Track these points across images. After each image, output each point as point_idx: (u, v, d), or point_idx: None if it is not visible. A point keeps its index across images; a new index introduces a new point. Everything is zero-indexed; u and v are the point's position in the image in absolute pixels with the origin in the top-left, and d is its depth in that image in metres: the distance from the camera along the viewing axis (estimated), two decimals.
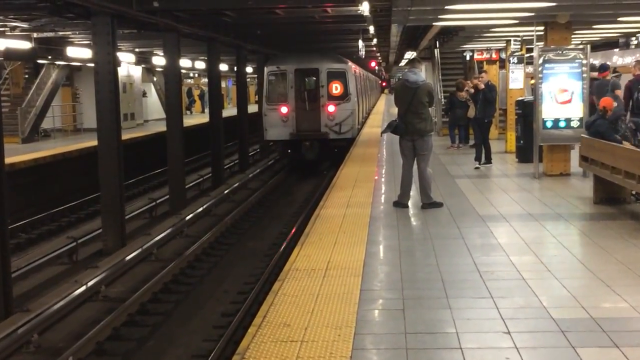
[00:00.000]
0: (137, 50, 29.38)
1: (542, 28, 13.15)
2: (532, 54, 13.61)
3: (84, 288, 10.14)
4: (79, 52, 22.96)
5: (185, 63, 33.08)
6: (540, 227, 8.66)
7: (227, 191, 18.97)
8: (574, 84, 12.58)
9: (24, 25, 18.72)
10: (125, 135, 22.14)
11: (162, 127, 22.10)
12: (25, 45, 20.28)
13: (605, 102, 10.33)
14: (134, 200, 19.16)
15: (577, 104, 12.63)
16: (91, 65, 16.58)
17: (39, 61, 24.28)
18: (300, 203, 18.65)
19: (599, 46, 24.57)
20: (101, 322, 9.03)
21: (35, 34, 20.48)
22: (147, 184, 22.48)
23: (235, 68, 27.97)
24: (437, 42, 23.25)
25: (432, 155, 11.05)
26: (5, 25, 18.83)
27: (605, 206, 9.85)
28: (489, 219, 9.16)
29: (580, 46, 13.04)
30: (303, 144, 22.93)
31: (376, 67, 51.78)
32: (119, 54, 18.43)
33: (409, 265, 6.95)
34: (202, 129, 30.43)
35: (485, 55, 20.93)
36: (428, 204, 10.05)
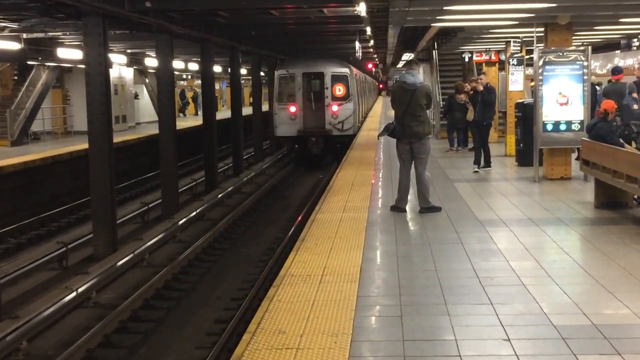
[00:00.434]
0: (129, 51, 29.37)
1: (543, 29, 13.17)
2: (532, 56, 13.62)
3: (74, 294, 10.12)
4: (70, 53, 22.95)
5: (178, 64, 33.08)
6: (541, 232, 8.67)
7: (221, 195, 18.96)
8: (575, 86, 12.60)
9: (14, 25, 18.69)
10: (117, 138, 22.12)
11: (155, 130, 22.09)
12: (14, 46, 20.25)
13: (607, 105, 10.35)
14: (125, 205, 19.13)
15: (578, 107, 12.66)
16: (82, 66, 16.56)
17: (29, 62, 24.24)
18: (295, 207, 18.65)
19: (600, 48, 24.61)
20: (92, 329, 9.01)
21: (24, 35, 20.45)
22: (139, 188, 22.46)
23: (229, 69, 28.01)
24: (435, 44, 23.29)
25: (430, 159, 11.05)
26: None
27: (606, 211, 9.86)
28: (488, 224, 9.16)
29: (581, 48, 13.06)
30: (309, 139, 26.30)
31: (373, 69, 51.85)
32: (111, 55, 18.41)
33: (407, 271, 6.95)
34: (196, 132, 30.46)
35: (484, 57, 20.97)
36: (426, 208, 10.05)
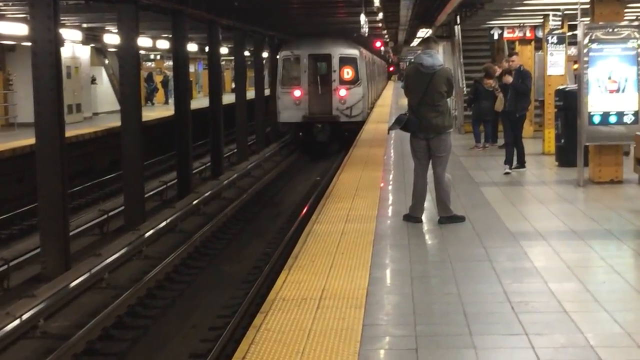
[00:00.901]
0: (85, 26, 29.37)
1: (589, 0, 13.19)
2: (576, 32, 13.64)
3: (17, 322, 10.10)
4: (12, 28, 22.93)
5: (145, 42, 33.13)
6: (586, 247, 8.69)
7: (197, 201, 18.97)
8: (628, 69, 12.61)
9: None
10: (70, 132, 22.11)
11: (116, 122, 22.05)
12: None
13: None
14: (80, 213, 19.13)
15: (632, 95, 12.67)
16: (27, 44, 16.55)
17: None
18: (287, 217, 18.66)
19: None
20: None
21: None
22: (97, 193, 22.46)
23: (206, 48, 28.01)
24: (458, 17, 23.31)
25: (452, 158, 11.06)
26: None
27: None
28: (522, 237, 9.17)
29: (635, 23, 13.09)
30: (315, 126, 29.21)
31: (382, 48, 51.87)
32: (63, 31, 18.40)
33: (423, 295, 6.96)
34: (166, 125, 30.46)
35: (517, 34, 20.98)
36: (446, 218, 10.06)
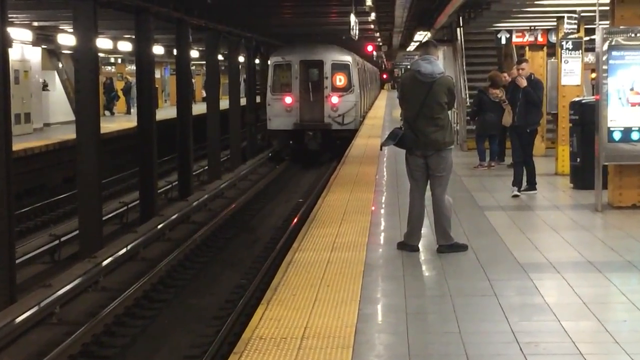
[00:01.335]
0: (36, 24, 29.37)
1: (608, 1, 13.28)
2: (594, 37, 13.74)
3: None
4: None
5: (104, 43, 33.12)
6: (605, 281, 8.71)
7: (162, 226, 18.91)
8: None
9: None
10: (18, 145, 22.06)
11: (70, 134, 22.00)
12: None
13: None
14: (28, 237, 19.04)
15: None
16: None
17: None
18: (265, 244, 18.62)
19: None
20: None
21: None
22: (48, 215, 22.36)
23: (174, 51, 28.02)
24: (461, 19, 23.42)
25: (453, 178, 11.08)
26: None
27: None
28: (532, 269, 9.19)
29: None
30: (306, 133, 31.68)
31: (374, 53, 52.05)
32: (10, 30, 18.37)
33: (420, 334, 6.95)
34: (127, 137, 30.43)
35: (527, 38, 21.10)
36: (446, 246, 10.07)
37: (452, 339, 6.79)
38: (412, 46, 41.19)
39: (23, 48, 30.83)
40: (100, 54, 35.17)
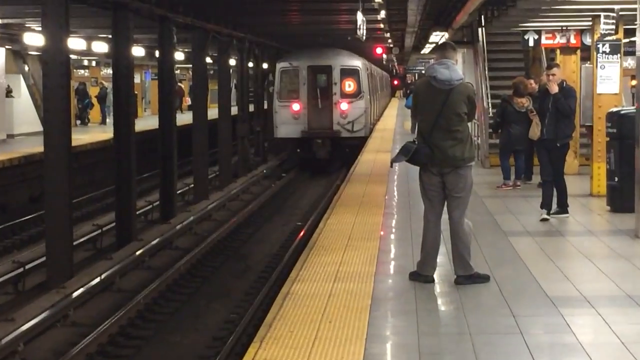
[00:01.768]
0: (0, 22, 29.43)
1: None
2: (634, 39, 13.75)
3: None
4: None
5: (77, 44, 33.17)
6: None
7: (141, 252, 18.90)
8: None
9: None
10: None
11: (38, 147, 21.99)
12: None
13: None
14: None
15: None
16: None
17: None
18: (258, 273, 18.60)
19: None
20: None
21: None
22: (12, 238, 22.35)
23: (157, 53, 28.05)
24: (483, 18, 23.46)
25: (473, 199, 11.06)
26: None
27: None
28: (562, 303, 9.18)
29: None
30: (314, 141, 34.49)
31: (384, 56, 52.12)
32: None
33: None
34: (102, 151, 30.44)
35: (558, 40, 21.12)
36: (465, 277, 10.06)
37: None
38: (427, 48, 41.23)
39: None
40: (72, 56, 35.18)
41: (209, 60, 33.66)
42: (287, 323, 8.48)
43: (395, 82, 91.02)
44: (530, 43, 21.87)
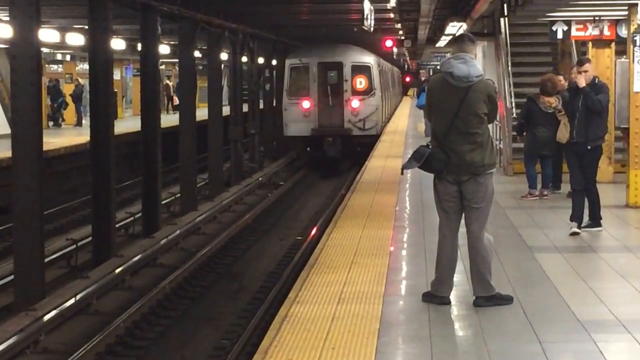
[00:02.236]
0: None
1: None
2: None
3: None
4: None
5: (49, 36, 33.19)
6: None
7: (121, 270, 18.91)
8: None
9: None
10: None
11: (5, 151, 22.00)
12: None
13: None
14: None
15: None
16: None
17: None
18: (253, 294, 18.61)
19: None
20: None
21: None
22: None
23: (139, 46, 28.07)
24: (505, 7, 23.48)
25: (494, 210, 11.06)
26: None
27: None
28: (595, 328, 9.18)
29: None
30: (325, 140, 37.42)
31: (394, 49, 52.17)
32: None
33: None
34: (77, 156, 30.43)
35: (590, 32, 21.13)
36: (486, 298, 10.06)
37: None
38: (443, 41, 41.29)
39: None
40: (44, 49, 35.21)
41: (197, 54, 33.66)
42: (285, 350, 8.48)
43: (408, 79, 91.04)
44: (559, 35, 21.87)
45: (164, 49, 38.80)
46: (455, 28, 31.02)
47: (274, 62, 45.27)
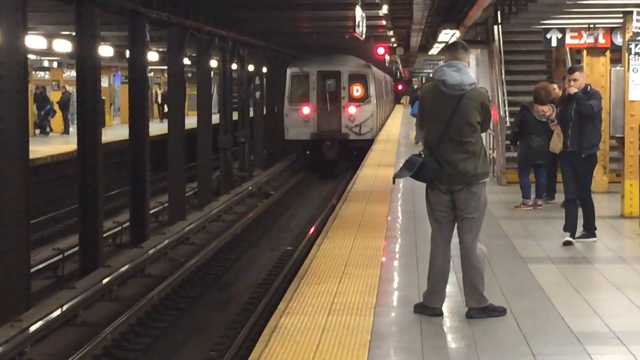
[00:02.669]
0: None
1: None
2: None
3: None
4: None
5: (36, 42, 33.16)
6: None
7: (108, 280, 18.87)
8: None
9: None
10: None
11: None
12: None
13: None
14: None
15: None
16: None
17: None
18: (242, 305, 18.58)
19: None
20: None
21: None
22: None
23: (127, 53, 28.05)
24: (499, 14, 23.51)
25: (487, 221, 11.05)
26: None
27: None
28: (590, 340, 9.18)
29: None
30: (323, 143, 41.21)
31: (386, 57, 52.24)
32: None
33: None
34: (64, 165, 30.39)
35: (585, 39, 21.14)
36: (479, 309, 10.05)
37: None
38: (436, 49, 41.41)
39: None
40: (30, 56, 35.16)
41: (187, 61, 33.64)
42: None
43: (400, 87, 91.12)
44: (553, 43, 21.85)
45: (153, 56, 38.76)
46: (448, 35, 31.08)
47: (265, 70, 45.34)
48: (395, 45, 46.45)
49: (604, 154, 19.39)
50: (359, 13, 24.01)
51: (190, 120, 32.30)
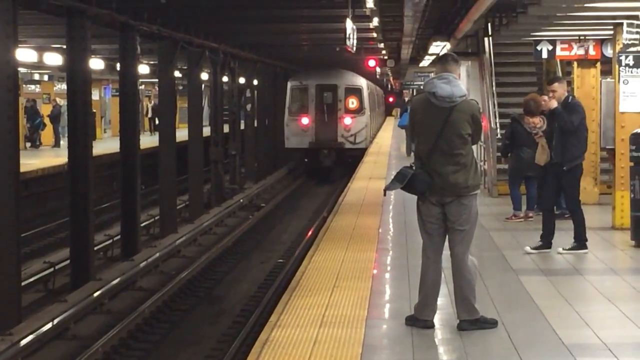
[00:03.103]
0: None
1: None
2: None
3: None
4: None
5: (26, 55, 33.14)
6: None
7: (99, 293, 18.84)
8: None
9: None
10: None
11: None
12: None
13: None
14: None
15: None
16: None
17: None
18: (234, 317, 18.56)
19: None
20: None
21: None
22: None
23: (118, 65, 28.05)
24: (490, 26, 23.52)
25: (478, 232, 11.06)
26: None
27: None
28: (581, 351, 9.19)
29: None
30: (321, 152, 44.45)
31: (377, 69, 52.30)
32: None
33: None
34: (55, 178, 30.34)
35: (575, 51, 21.16)
36: (470, 321, 10.05)
37: None
38: (427, 61, 41.37)
39: None
40: (21, 69, 35.14)
41: (177, 74, 33.62)
42: None
43: (391, 99, 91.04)
44: (544, 54, 21.85)
45: (144, 69, 38.73)
46: (438, 47, 31.03)
47: (255, 82, 45.39)
48: (386, 57, 46.41)
49: (594, 166, 19.41)
50: (349, 25, 23.95)
51: (181, 133, 32.27)
